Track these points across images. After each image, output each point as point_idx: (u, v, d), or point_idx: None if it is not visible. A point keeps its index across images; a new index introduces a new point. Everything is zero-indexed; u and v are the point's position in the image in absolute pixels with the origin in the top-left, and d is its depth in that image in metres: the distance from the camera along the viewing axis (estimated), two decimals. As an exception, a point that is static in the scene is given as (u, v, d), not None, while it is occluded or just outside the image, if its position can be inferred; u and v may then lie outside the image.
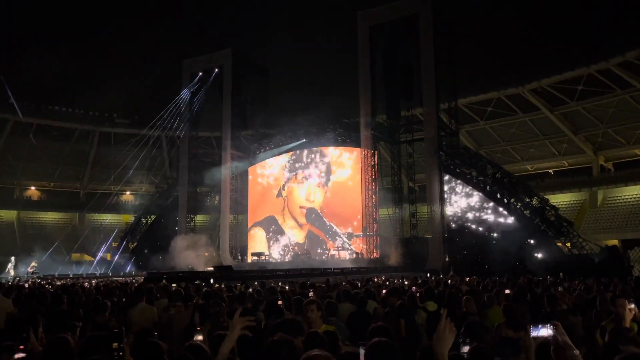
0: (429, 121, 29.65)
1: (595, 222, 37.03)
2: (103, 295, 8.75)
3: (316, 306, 4.83)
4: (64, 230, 43.72)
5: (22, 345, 3.04)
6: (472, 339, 3.33)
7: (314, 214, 35.76)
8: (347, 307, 6.87)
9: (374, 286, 11.12)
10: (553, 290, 9.20)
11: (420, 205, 32.27)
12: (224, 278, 16.60)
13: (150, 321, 6.65)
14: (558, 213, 27.10)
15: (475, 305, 7.29)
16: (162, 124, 37.15)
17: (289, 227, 36.80)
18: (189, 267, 32.52)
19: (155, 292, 8.95)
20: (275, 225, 37.32)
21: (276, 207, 37.65)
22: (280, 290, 9.50)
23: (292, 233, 36.44)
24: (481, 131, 42.86)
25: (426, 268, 25.05)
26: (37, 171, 47.83)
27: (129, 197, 49.57)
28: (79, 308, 6.56)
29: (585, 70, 35.04)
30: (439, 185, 28.87)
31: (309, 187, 36.39)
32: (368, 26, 31.40)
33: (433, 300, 7.47)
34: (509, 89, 38.69)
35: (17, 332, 3.66)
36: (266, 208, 38.15)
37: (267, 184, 38.46)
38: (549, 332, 2.88)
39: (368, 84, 31.23)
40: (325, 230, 34.98)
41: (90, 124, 47.20)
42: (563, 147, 40.75)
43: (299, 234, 36.24)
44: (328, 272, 22.32)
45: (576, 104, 37.50)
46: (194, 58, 39.33)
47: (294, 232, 36.42)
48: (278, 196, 37.63)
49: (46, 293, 8.59)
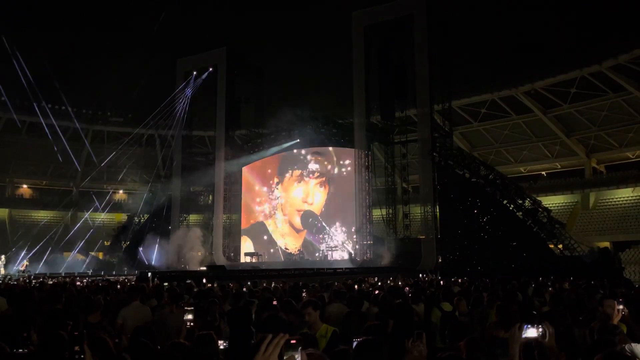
0: (422, 122, 29.78)
1: (587, 224, 37.33)
2: (95, 293, 8.77)
3: (312, 307, 4.85)
4: (55, 228, 43.50)
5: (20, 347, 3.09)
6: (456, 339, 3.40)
7: (311, 218, 35.18)
8: (338, 307, 6.93)
9: (367, 287, 11.21)
10: (543, 291, 9.32)
11: (413, 206, 32.41)
12: (217, 278, 16.62)
13: (143, 320, 6.68)
14: (550, 215, 27.30)
15: (466, 305, 7.40)
16: (155, 122, 37.10)
17: (280, 235, 36.22)
18: (182, 267, 32.52)
19: (147, 291, 8.97)
20: (266, 234, 36.76)
21: (266, 210, 37.49)
22: (274, 289, 9.56)
23: (285, 242, 35.66)
24: (475, 133, 43.08)
25: (419, 269, 25.17)
26: (29, 169, 47.61)
27: (121, 195, 49.42)
28: (73, 307, 6.58)
29: (579, 73, 35.33)
30: (433, 186, 29.01)
31: (306, 188, 36.32)
32: (362, 26, 31.46)
33: (422, 302, 7.57)
34: (502, 91, 38.93)
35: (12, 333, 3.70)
36: (256, 212, 38.05)
37: (259, 185, 38.42)
38: (536, 332, 2.94)
39: (362, 84, 31.31)
40: (323, 235, 33.98)
41: (83, 122, 46.99)
42: (556, 149, 41.04)
43: (294, 242, 35.52)
44: (321, 273, 22.36)
45: (569, 107, 37.81)
46: (189, 57, 39.25)
47: (288, 240, 35.71)
48: (271, 197, 37.54)
49: (39, 292, 8.59)
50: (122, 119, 47.94)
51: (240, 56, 38.52)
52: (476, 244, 27.23)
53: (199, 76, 37.97)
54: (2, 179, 47.15)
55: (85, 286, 13.03)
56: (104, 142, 47.59)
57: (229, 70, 37.18)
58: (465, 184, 28.57)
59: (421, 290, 9.09)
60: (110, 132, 47.80)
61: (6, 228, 45.00)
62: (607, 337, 3.86)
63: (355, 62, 31.45)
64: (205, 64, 37.96)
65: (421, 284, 13.03)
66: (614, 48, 33.32)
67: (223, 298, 7.98)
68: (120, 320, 6.62)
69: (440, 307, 7.14)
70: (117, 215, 45.30)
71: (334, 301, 7.23)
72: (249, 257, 34.17)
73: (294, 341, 1.77)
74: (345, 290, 8.86)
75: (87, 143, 47.77)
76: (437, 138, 29.89)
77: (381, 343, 2.75)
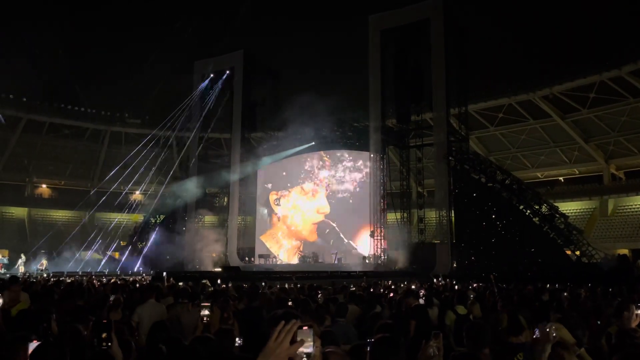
0: (438, 126, 29.65)
1: (606, 231, 36.80)
2: (113, 292, 8.91)
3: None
4: (73, 228, 44.09)
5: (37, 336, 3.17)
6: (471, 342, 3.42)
7: (328, 229, 34.74)
8: (353, 310, 6.97)
9: (377, 290, 11.22)
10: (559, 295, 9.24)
11: (428, 211, 32.26)
12: (231, 278, 16.76)
13: (159, 318, 6.77)
14: (567, 221, 26.98)
15: (479, 309, 7.37)
16: (172, 124, 37.46)
17: (290, 242, 35.94)
18: (197, 267, 32.75)
19: (163, 290, 9.09)
20: (277, 238, 36.73)
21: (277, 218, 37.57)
22: (289, 290, 9.62)
23: (298, 247, 35.18)
24: (491, 137, 42.76)
25: (433, 274, 25.02)
26: (49, 169, 48.36)
27: (138, 196, 49.91)
28: (93, 304, 6.72)
29: (597, 77, 34.90)
30: (448, 191, 28.85)
31: (319, 196, 36.00)
32: (379, 30, 31.47)
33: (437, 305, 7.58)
34: (520, 95, 38.60)
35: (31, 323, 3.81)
36: (268, 219, 38.15)
37: (273, 188, 38.52)
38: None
39: (378, 88, 31.29)
40: (340, 245, 33.56)
41: (101, 123, 47.72)
42: (574, 154, 40.56)
43: (307, 246, 34.94)
44: (335, 276, 22.37)
45: (588, 112, 37.35)
46: (206, 59, 39.58)
47: (301, 245, 35.30)
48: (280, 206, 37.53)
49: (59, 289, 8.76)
50: (139, 120, 48.55)
51: (256, 59, 38.78)
52: (491, 249, 27.01)
53: (216, 79, 38.29)
54: (22, 179, 47.98)
55: (102, 284, 13.22)
56: (122, 143, 48.18)
57: (246, 73, 37.42)
58: (481, 188, 28.36)
59: (435, 294, 9.08)
60: (128, 134, 48.39)
61: (25, 227, 45.76)
62: (627, 340, 3.82)
63: (371, 66, 31.45)
64: (222, 66, 38.27)
65: (435, 288, 12.99)
66: (634, 52, 32.87)
67: (239, 298, 8.06)
68: (136, 317, 6.72)
69: (454, 310, 7.13)
70: (134, 216, 45.75)
71: (349, 303, 7.27)
72: (262, 259, 34.30)
73: (306, 327, 1.79)
74: (361, 293, 8.90)
75: (105, 144, 48.50)
76: (453, 142, 29.73)
77: (397, 340, 2.78)
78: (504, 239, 26.97)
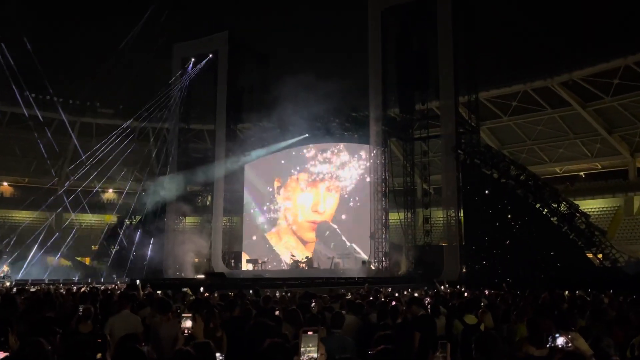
0: (446, 116, 29.71)
1: (631, 231, 37.04)
2: (83, 302, 8.88)
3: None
4: (38, 230, 43.91)
5: None
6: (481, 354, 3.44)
7: (328, 231, 34.85)
8: (351, 320, 6.99)
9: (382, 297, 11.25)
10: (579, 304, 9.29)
11: (434, 210, 32.33)
12: (215, 286, 16.68)
13: (133, 330, 6.77)
14: (589, 221, 27.15)
15: (492, 319, 7.42)
16: (149, 114, 37.30)
17: (285, 248, 36.06)
18: (177, 274, 32.73)
19: (139, 299, 9.10)
20: (269, 244, 36.98)
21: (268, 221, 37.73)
22: (280, 298, 9.63)
23: (292, 252, 35.28)
24: (504, 128, 42.88)
25: (440, 279, 25.08)
26: (10, 165, 48.11)
27: (111, 195, 49.80)
28: (61, 315, 6.70)
29: (622, 61, 34.98)
30: (457, 188, 28.93)
31: (316, 193, 36.22)
32: (379, 10, 31.41)
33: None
34: (536, 82, 38.67)
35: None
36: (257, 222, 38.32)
37: (263, 185, 38.50)
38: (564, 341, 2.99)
39: (379, 74, 31.28)
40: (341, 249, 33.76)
41: (70, 114, 47.42)
42: (596, 147, 40.72)
43: (302, 251, 35.38)
44: (331, 282, 22.39)
45: (611, 100, 37.46)
46: (187, 42, 39.48)
47: (295, 250, 35.46)
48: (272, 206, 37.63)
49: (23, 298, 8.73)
50: (112, 110, 48.30)
51: (243, 42, 38.64)
52: (505, 252, 27.12)
53: (197, 63, 38.16)
54: (-19, 176, 47.75)
55: (71, 294, 13.17)
56: (93, 136, 47.96)
57: (231, 57, 37.34)
58: (494, 185, 28.47)
59: (442, 302, 9.11)
60: (100, 125, 48.21)
61: (-16, 230, 45.51)
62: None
63: (371, 49, 31.42)
64: (204, 50, 38.17)
65: (442, 295, 13.02)
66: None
67: (225, 307, 8.06)
68: (107, 330, 6.71)
69: (462, 319, 7.16)
70: (107, 217, 45.64)
71: (348, 312, 7.29)
72: (251, 265, 34.31)
73: (311, 332, 1.82)
74: (361, 301, 8.93)
75: (74, 137, 48.22)
76: (462, 134, 29.80)
77: (398, 353, 2.79)
78: (518, 241, 27.06)
